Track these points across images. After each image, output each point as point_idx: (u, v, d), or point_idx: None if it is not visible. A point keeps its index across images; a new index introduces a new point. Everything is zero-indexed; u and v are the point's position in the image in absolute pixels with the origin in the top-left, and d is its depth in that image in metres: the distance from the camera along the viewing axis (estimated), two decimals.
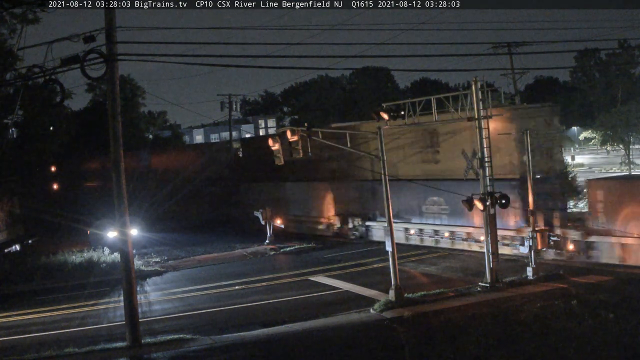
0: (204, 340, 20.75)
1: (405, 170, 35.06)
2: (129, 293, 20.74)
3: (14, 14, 34.29)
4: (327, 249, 38.17)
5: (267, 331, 21.55)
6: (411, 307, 22.85)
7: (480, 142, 25.48)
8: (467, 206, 24.89)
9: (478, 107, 25.29)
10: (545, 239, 26.28)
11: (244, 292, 28.27)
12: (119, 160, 20.59)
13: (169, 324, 23.46)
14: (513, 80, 55.68)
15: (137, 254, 36.38)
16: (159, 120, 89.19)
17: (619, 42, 79.01)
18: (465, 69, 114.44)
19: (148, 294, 29.50)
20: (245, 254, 38.39)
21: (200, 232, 48.49)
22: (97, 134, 56.95)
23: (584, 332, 18.99)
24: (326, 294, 26.58)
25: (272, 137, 25.73)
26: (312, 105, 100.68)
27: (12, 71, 35.40)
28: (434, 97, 28.23)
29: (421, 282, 27.19)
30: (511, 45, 52.74)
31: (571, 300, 22.08)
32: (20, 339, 22.94)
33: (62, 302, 28.36)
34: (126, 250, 20.84)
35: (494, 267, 25.07)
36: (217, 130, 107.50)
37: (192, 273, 33.96)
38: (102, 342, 21.11)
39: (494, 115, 26.46)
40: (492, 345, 18.74)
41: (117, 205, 20.74)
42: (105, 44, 19.59)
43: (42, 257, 36.01)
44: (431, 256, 33.16)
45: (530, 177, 27.28)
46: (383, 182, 24.47)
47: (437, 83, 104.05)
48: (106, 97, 24.36)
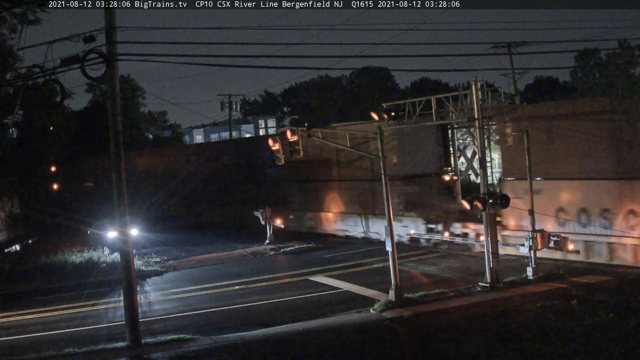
0: (204, 340, 20.75)
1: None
2: (129, 293, 20.75)
3: (14, 14, 34.28)
4: (327, 249, 38.18)
5: (267, 331, 21.55)
6: (411, 307, 22.85)
7: (480, 142, 25.50)
8: (468, 206, 24.94)
9: (478, 107, 25.32)
10: (545, 239, 26.28)
11: (244, 292, 28.27)
12: (119, 160, 20.60)
13: (169, 324, 23.46)
14: (513, 80, 55.77)
15: (137, 254, 36.36)
16: (159, 120, 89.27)
17: (619, 42, 79.10)
18: (465, 69, 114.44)
19: (148, 294, 29.49)
20: (245, 254, 38.39)
21: (200, 232, 48.54)
22: (97, 134, 57.02)
23: (584, 332, 18.99)
24: (326, 294, 26.58)
25: (272, 137, 25.76)
26: (312, 105, 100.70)
27: (12, 71, 35.44)
28: (434, 97, 28.25)
29: (421, 282, 27.19)
30: (511, 45, 52.83)
31: (571, 300, 22.08)
32: (20, 339, 22.93)
33: (62, 302, 28.36)
34: (126, 250, 20.84)
35: (494, 267, 25.08)
36: (217, 130, 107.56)
37: (192, 273, 33.96)
38: (102, 342, 21.10)
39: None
40: (492, 345, 18.73)
41: (117, 205, 20.75)
42: (105, 44, 19.60)
43: (42, 257, 35.99)
44: (431, 256, 33.17)
45: (530, 177, 27.29)
46: (383, 182, 24.47)
47: (437, 83, 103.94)
48: (106, 97, 24.37)
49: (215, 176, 54.00)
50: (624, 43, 78.91)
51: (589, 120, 28.31)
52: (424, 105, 28.03)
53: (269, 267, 34.16)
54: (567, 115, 28.99)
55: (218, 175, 53.97)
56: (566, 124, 28.81)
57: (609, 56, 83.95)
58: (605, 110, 27.93)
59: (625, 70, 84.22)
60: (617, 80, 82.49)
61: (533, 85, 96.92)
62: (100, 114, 57.30)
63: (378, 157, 24.94)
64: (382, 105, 26.99)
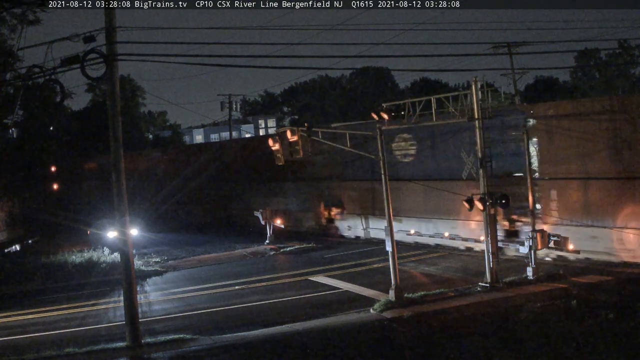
0: (204, 340, 20.76)
1: None
2: (129, 293, 20.75)
3: (14, 14, 34.33)
4: (327, 248, 38.18)
5: (267, 331, 21.56)
6: (411, 307, 22.85)
7: (480, 142, 25.49)
8: (468, 206, 24.94)
9: (478, 107, 25.31)
10: (545, 239, 26.28)
11: (244, 292, 28.27)
12: (119, 160, 20.60)
13: (169, 324, 23.46)
14: (513, 80, 55.76)
15: (137, 254, 36.37)
16: (159, 120, 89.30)
17: (619, 42, 79.03)
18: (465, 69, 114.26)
19: (148, 294, 29.49)
20: (245, 254, 38.40)
21: (200, 232, 48.55)
22: (97, 134, 57.02)
23: (584, 332, 18.99)
24: (326, 294, 26.58)
25: (272, 137, 25.75)
26: (312, 105, 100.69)
27: (12, 71, 35.45)
28: (434, 97, 28.22)
29: (421, 282, 27.19)
30: (511, 45, 52.81)
31: (571, 300, 22.10)
32: (20, 339, 22.93)
33: (62, 302, 28.36)
34: (126, 250, 20.84)
35: (494, 267, 25.08)
36: (217, 130, 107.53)
37: (192, 273, 33.96)
38: (102, 342, 21.10)
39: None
40: (492, 345, 18.74)
41: (117, 205, 20.74)
42: (105, 44, 19.60)
43: (42, 257, 36.01)
44: (431, 256, 33.18)
45: (530, 177, 27.28)
46: (383, 182, 24.48)
47: (437, 83, 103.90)
48: (106, 97, 24.35)
49: (215, 176, 53.98)
50: (624, 43, 78.86)
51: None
52: (424, 105, 28.00)
53: (269, 267, 34.17)
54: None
55: (218, 175, 53.95)
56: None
57: (609, 56, 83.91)
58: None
59: (625, 70, 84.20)
60: (617, 81, 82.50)
61: (533, 85, 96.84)
62: (100, 114, 57.28)
63: (378, 157, 24.95)
64: (382, 105, 26.94)
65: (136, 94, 72.84)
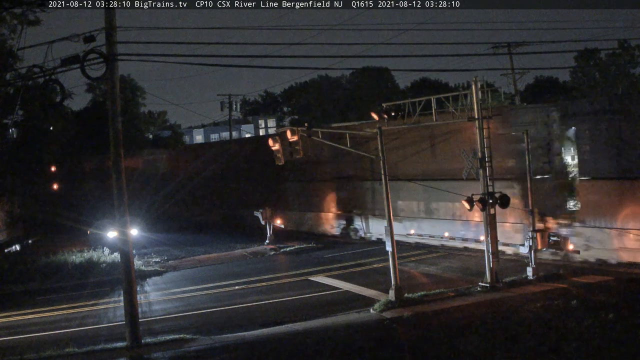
0: (204, 340, 20.76)
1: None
2: (129, 293, 20.75)
3: (14, 14, 34.30)
4: (327, 248, 38.19)
5: (267, 331, 21.56)
6: (411, 307, 22.86)
7: (480, 142, 25.48)
8: (468, 205, 24.92)
9: (478, 107, 25.30)
10: (545, 239, 26.28)
11: (244, 292, 28.27)
12: (119, 160, 20.60)
13: (169, 324, 23.46)
14: (513, 80, 55.80)
15: (137, 254, 36.37)
16: (159, 120, 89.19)
17: (619, 42, 78.92)
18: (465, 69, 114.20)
19: (148, 294, 29.50)
20: (245, 254, 38.40)
21: (200, 232, 48.55)
22: (97, 134, 56.95)
23: (584, 331, 18.98)
24: (326, 294, 26.58)
25: (272, 137, 25.75)
26: (312, 105, 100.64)
27: (12, 71, 35.44)
28: (434, 97, 28.23)
29: (421, 282, 27.19)
30: (511, 45, 52.82)
31: (571, 300, 22.08)
32: (20, 339, 22.94)
33: (62, 302, 28.37)
34: (126, 250, 20.84)
35: (494, 267, 25.07)
36: (217, 130, 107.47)
37: (192, 273, 33.97)
38: (102, 342, 21.11)
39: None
40: (492, 345, 18.73)
41: (117, 205, 20.75)
42: (105, 44, 19.61)
43: (42, 257, 35.99)
44: (431, 256, 33.18)
45: (529, 177, 27.27)
46: (383, 181, 24.47)
47: (437, 83, 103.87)
48: (106, 97, 24.36)
49: (215, 176, 54.01)
50: (624, 43, 78.77)
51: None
52: (424, 105, 28.02)
53: (269, 267, 34.17)
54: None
55: (218, 175, 53.98)
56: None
57: (609, 56, 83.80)
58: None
59: (625, 70, 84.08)
60: (617, 81, 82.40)
61: (533, 85, 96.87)
62: (100, 114, 57.23)
63: (378, 157, 24.95)
64: (382, 106, 26.98)
65: (136, 94, 72.64)
